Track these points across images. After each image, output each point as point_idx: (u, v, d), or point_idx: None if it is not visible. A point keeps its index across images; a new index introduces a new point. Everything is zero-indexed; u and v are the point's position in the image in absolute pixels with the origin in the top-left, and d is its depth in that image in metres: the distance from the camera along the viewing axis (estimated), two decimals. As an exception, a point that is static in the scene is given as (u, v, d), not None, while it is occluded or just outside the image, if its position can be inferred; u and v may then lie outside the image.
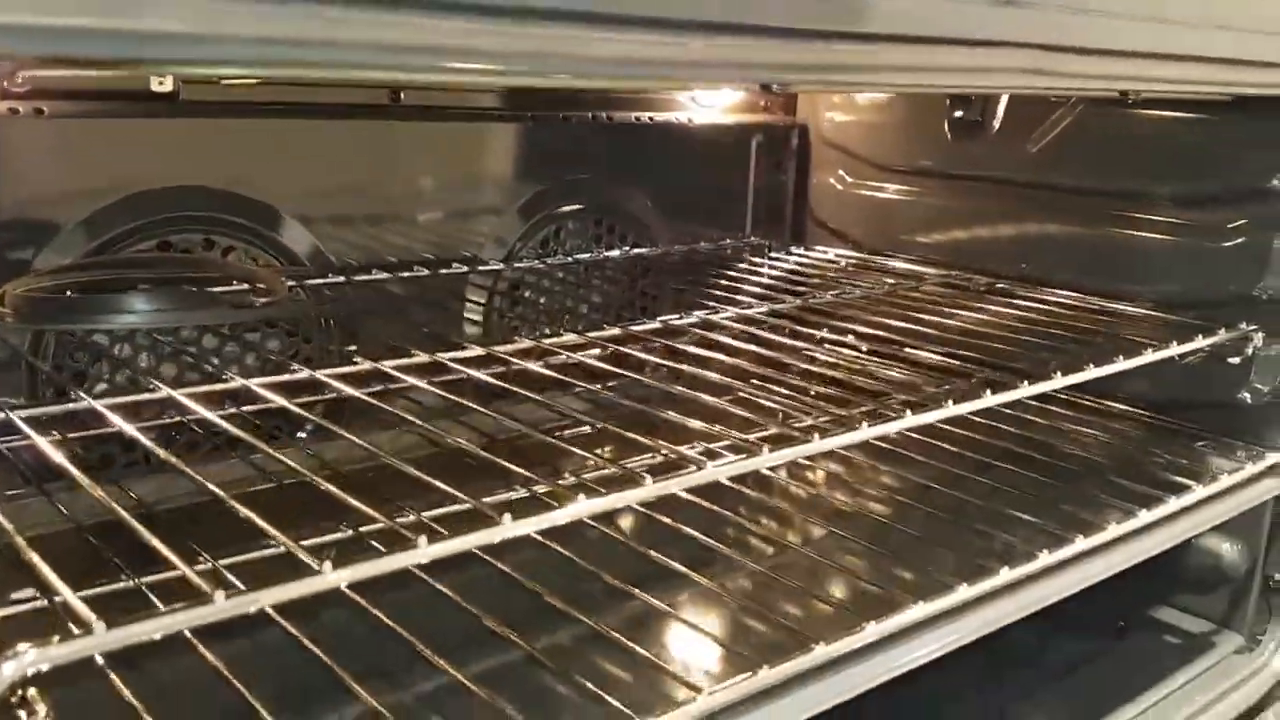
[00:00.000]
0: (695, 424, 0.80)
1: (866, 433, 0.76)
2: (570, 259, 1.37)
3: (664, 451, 0.74)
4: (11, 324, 0.85)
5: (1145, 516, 0.92)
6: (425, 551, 0.57)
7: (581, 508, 0.63)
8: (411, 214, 1.25)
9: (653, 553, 0.83)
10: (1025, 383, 0.89)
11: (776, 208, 1.59)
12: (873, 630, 0.72)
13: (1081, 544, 0.86)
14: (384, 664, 0.71)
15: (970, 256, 1.41)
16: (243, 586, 0.52)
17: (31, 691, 0.46)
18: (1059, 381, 0.91)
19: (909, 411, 0.81)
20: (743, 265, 1.42)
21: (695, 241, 1.49)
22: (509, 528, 0.60)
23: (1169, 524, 0.95)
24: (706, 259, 1.45)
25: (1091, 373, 0.93)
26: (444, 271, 1.25)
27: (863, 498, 1.02)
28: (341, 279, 1.14)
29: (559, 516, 0.63)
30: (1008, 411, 1.22)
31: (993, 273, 1.36)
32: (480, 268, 1.28)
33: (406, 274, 1.21)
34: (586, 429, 0.87)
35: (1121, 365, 0.95)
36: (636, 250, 1.44)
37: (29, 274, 0.97)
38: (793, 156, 1.59)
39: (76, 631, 0.45)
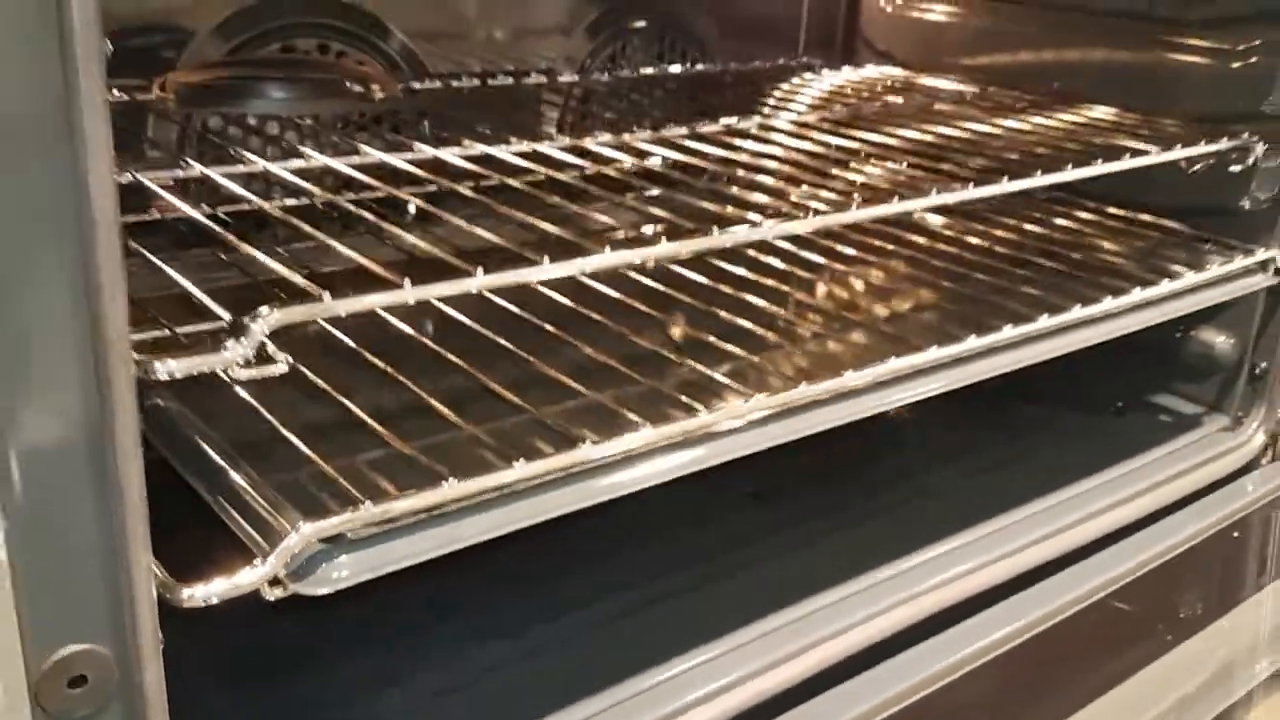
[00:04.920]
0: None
1: (857, 214, 0.90)
2: (636, 74, 1.50)
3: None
4: (174, 107, 1.01)
5: (1138, 295, 1.06)
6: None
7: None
8: (493, 29, 1.38)
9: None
10: (1005, 179, 1.01)
11: (828, 30, 1.70)
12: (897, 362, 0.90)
13: (1079, 312, 1.00)
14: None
15: (1010, 78, 1.52)
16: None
17: (271, 346, 0.62)
18: (1039, 180, 1.02)
19: (896, 198, 0.94)
20: (796, 80, 1.54)
21: (750, 60, 1.61)
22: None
23: (1161, 304, 1.10)
24: (762, 76, 1.57)
25: (1071, 173, 1.05)
26: (525, 81, 1.39)
27: (876, 275, 1.17)
28: (438, 84, 1.29)
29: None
30: (1039, 218, 1.36)
31: (1031, 91, 1.47)
32: (558, 79, 1.41)
33: (492, 81, 1.35)
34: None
35: (1111, 167, 1.07)
36: (698, 67, 1.56)
37: (179, 70, 1.12)
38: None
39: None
